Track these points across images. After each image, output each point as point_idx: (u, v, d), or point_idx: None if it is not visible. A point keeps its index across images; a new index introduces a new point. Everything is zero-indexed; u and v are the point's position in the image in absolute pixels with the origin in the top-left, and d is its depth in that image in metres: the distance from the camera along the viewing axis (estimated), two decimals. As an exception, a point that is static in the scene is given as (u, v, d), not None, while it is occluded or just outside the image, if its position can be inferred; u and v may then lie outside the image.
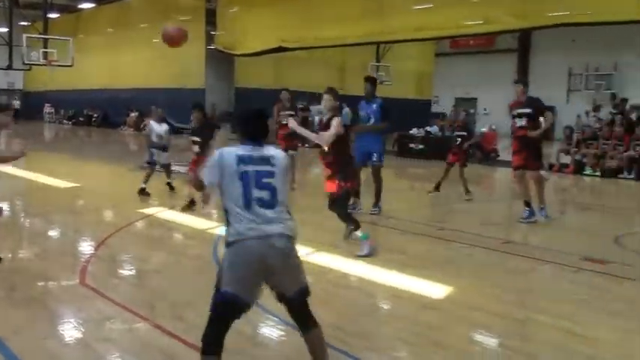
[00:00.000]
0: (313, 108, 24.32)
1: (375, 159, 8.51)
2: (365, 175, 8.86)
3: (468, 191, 10.28)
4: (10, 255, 6.01)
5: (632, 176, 14.55)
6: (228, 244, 3.06)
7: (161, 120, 10.01)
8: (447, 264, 6.26)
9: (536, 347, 4.05)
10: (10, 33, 28.74)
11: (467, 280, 5.60)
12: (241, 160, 3.13)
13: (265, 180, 3.11)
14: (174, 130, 11.69)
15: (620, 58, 28.09)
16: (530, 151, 8.29)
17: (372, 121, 8.51)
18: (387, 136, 14.43)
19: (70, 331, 4.15)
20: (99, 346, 3.84)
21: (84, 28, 33.15)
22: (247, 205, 3.04)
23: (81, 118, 33.90)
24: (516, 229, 8.39)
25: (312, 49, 26.04)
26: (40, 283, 5.18)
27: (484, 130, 19.99)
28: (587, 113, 20.61)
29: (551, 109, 9.22)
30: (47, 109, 36.32)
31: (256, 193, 3.07)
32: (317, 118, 9.56)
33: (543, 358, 3.91)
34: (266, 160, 3.17)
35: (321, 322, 3.31)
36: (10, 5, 26.67)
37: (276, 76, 27.92)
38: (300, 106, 24.02)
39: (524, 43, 31.33)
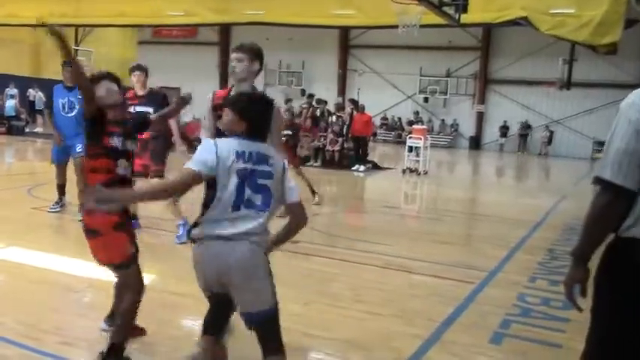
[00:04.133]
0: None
1: (79, 150, 7.29)
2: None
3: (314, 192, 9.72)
4: None
5: (318, 164, 16.39)
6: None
7: None
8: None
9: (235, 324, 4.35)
10: None
11: (165, 265, 5.71)
12: (241, 155, 2.78)
13: (262, 180, 2.79)
14: None
15: (307, 58, 31.18)
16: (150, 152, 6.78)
17: (77, 109, 7.35)
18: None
19: None
20: None
21: None
22: (235, 207, 2.74)
23: None
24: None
25: (1, 26, 23.30)
26: None
27: (187, 120, 20.30)
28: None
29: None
30: None
31: (248, 193, 2.76)
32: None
33: (240, 334, 4.23)
34: (265, 158, 2.84)
35: (12, 321, 3.11)
36: None
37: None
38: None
39: (225, 37, 32.64)
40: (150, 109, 6.37)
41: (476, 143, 29.96)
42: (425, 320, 4.68)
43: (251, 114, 2.86)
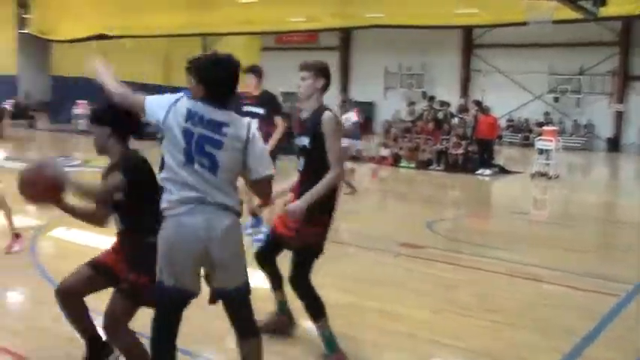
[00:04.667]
0: None
1: None
2: None
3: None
4: None
5: (440, 167, 16.04)
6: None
7: None
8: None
9: (360, 330, 4.28)
10: None
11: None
12: (193, 115, 2.66)
13: (208, 148, 2.64)
14: None
15: (428, 59, 30.64)
16: None
17: None
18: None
19: None
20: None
21: None
22: (189, 161, 2.62)
23: None
24: (340, 219, 8.80)
25: (136, 37, 25.04)
26: None
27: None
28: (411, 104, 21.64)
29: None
30: None
31: (197, 157, 2.63)
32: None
33: (366, 339, 4.17)
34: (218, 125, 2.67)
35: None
36: None
37: (98, 65, 26.28)
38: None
39: (345, 41, 32.91)
40: (261, 110, 6.53)
41: (614, 145, 27.88)
42: (562, 333, 4.36)
43: (208, 76, 2.72)
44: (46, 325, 4.12)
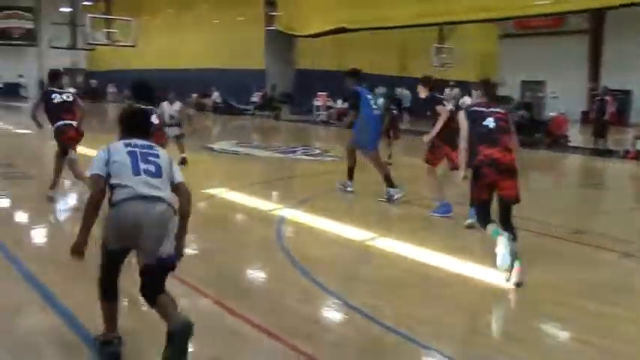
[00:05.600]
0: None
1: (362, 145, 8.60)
2: None
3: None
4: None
5: None
6: (111, 205, 3.28)
7: (173, 101, 11.18)
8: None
9: (612, 342, 3.84)
10: (73, 13, 29.18)
11: (537, 269, 5.32)
12: (128, 145, 3.43)
13: (151, 158, 3.39)
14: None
15: None
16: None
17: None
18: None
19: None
20: (163, 323, 3.84)
21: (146, 8, 33.82)
22: (136, 173, 3.29)
23: (144, 98, 34.54)
24: (587, 219, 8.03)
25: (373, 30, 25.67)
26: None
27: (553, 114, 19.25)
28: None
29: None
30: (110, 88, 36.06)
31: (143, 165, 3.32)
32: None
33: (620, 353, 3.71)
34: (149, 147, 3.47)
35: (388, 306, 3.19)
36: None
37: (337, 58, 27.57)
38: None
39: (596, 23, 29.92)
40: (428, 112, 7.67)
41: None
42: None
43: (122, 121, 3.60)
44: (290, 305, 4.36)
